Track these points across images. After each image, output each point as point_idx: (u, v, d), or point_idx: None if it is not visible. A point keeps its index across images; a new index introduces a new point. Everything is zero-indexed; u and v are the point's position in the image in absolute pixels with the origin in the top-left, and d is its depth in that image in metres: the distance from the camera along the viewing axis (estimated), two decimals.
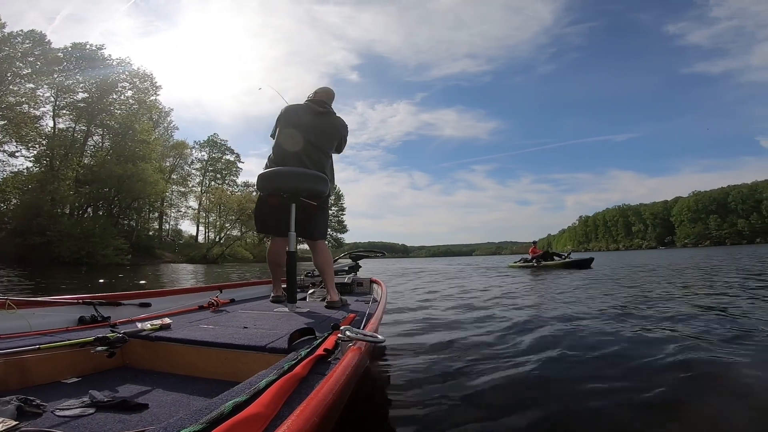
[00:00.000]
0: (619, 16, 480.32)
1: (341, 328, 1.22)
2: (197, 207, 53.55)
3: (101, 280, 10.14)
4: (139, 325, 1.59)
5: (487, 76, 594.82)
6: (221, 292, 2.70)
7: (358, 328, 1.29)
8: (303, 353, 1.11)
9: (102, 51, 32.27)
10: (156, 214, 48.03)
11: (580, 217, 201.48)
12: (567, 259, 14.19)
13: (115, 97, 33.19)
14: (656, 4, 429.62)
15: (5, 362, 1.17)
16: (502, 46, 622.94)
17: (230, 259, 44.80)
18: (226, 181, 60.13)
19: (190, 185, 53.94)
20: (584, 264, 13.55)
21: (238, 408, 0.70)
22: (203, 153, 58.66)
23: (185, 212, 53.12)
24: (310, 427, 0.62)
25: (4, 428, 0.82)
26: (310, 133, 2.63)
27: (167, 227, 52.30)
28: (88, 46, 31.93)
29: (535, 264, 14.74)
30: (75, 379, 1.29)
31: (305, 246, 2.81)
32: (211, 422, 0.64)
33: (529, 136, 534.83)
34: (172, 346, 1.43)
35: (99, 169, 30.51)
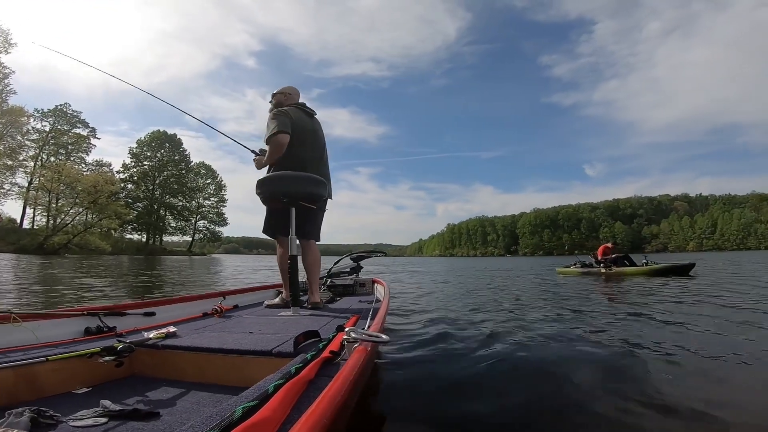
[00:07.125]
0: (509, 42, 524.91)
1: (346, 329, 1.23)
2: (27, 185, 43.53)
3: None
4: (145, 334, 1.60)
5: (386, 81, 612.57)
6: (224, 298, 2.72)
7: (363, 328, 1.30)
8: (309, 356, 1.12)
9: None
10: None
11: (448, 224, 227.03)
12: (655, 265, 10.52)
13: None
14: (542, 34, 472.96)
15: (15, 374, 1.18)
16: (406, 55, 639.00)
17: (77, 251, 37.47)
18: (72, 158, 50.66)
19: (20, 158, 43.45)
20: (683, 270, 10.18)
21: (248, 413, 0.71)
22: (45, 123, 48.63)
23: (9, 190, 42.56)
24: (321, 430, 0.63)
25: None
26: (318, 138, 2.75)
27: None
28: None
29: (603, 270, 11.31)
30: (85, 390, 1.30)
31: None
32: (222, 428, 0.65)
33: (413, 145, 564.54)
34: (179, 353, 1.44)
35: None
